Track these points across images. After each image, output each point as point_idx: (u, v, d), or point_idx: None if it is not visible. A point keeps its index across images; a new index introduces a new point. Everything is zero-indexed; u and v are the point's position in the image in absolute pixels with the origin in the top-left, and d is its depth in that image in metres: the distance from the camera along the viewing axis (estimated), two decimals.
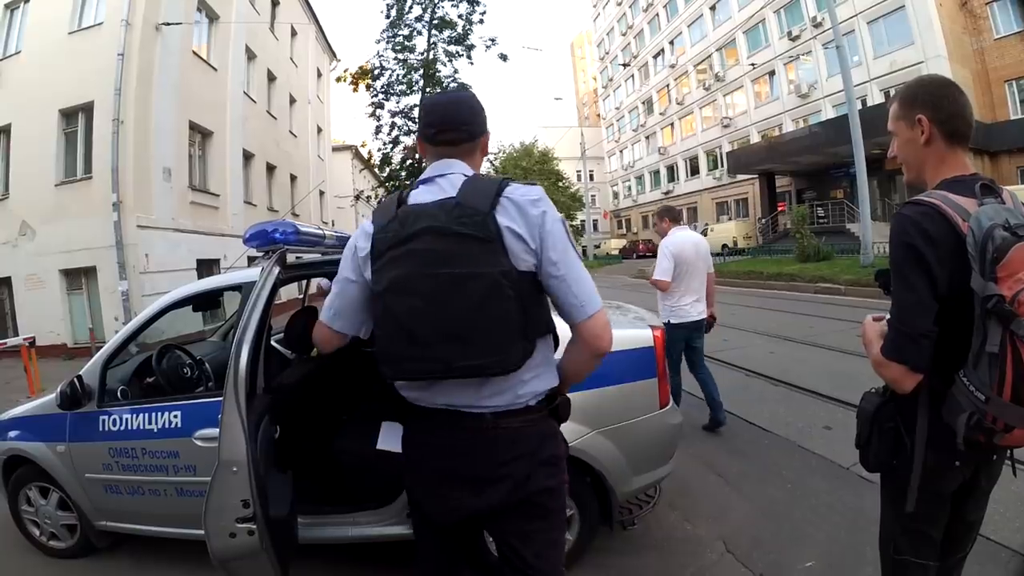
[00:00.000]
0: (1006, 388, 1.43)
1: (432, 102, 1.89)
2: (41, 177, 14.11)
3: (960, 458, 1.65)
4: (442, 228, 1.58)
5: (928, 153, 1.71)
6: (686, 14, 44.28)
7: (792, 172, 34.18)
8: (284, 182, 25.33)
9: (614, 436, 2.97)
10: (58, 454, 3.41)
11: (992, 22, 26.52)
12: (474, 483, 1.71)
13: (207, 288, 3.61)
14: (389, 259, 1.63)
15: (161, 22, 14.79)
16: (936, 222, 1.54)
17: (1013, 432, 1.49)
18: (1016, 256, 1.41)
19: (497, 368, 1.60)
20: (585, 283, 1.68)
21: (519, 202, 1.63)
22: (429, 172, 1.79)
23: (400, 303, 1.61)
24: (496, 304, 1.55)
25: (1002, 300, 1.40)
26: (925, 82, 1.78)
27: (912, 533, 1.80)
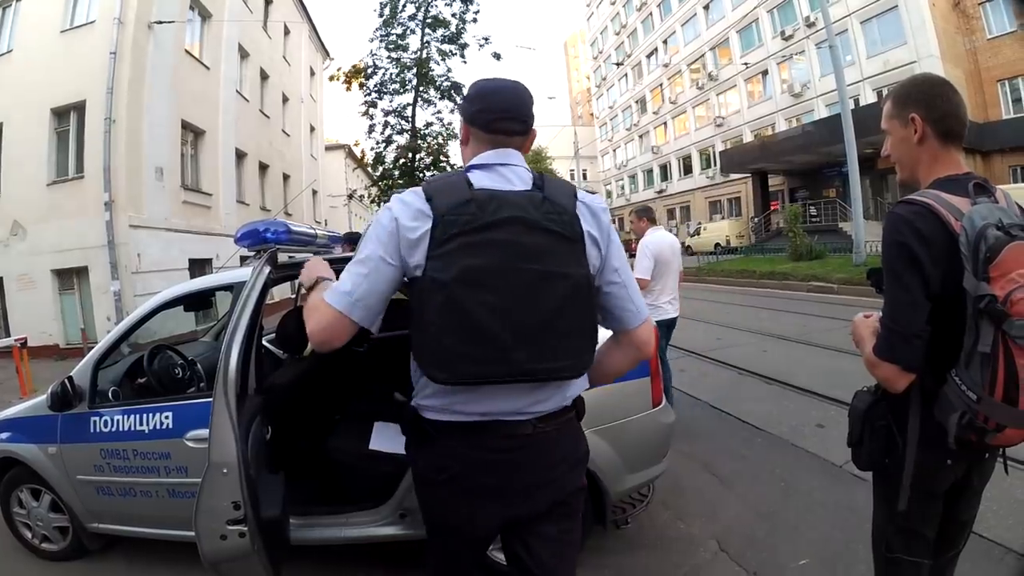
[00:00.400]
0: (997, 388, 1.43)
1: (494, 86, 1.70)
2: (33, 176, 14.01)
3: (952, 457, 1.64)
4: (532, 221, 1.47)
5: (921, 152, 1.71)
6: (680, 13, 44.29)
7: (785, 171, 34.26)
8: (277, 181, 25.24)
9: (607, 435, 2.97)
10: (50, 456, 3.39)
11: (985, 22, 26.60)
12: (517, 493, 1.61)
13: (199, 288, 3.60)
14: (462, 245, 1.44)
15: (154, 20, 14.69)
16: (929, 221, 1.54)
17: (1005, 432, 1.49)
18: (1009, 256, 1.41)
19: (572, 372, 1.54)
20: (638, 291, 1.70)
21: (594, 208, 1.62)
22: (487, 159, 1.63)
23: (472, 296, 1.43)
24: (578, 307, 1.51)
25: (994, 300, 1.40)
26: (919, 81, 1.77)
27: (905, 532, 1.78)
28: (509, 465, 1.58)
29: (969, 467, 1.72)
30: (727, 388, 6.55)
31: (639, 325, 1.68)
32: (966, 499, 1.79)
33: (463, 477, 1.59)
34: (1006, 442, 1.55)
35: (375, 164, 27.60)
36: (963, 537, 1.87)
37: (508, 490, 1.60)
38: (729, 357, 7.95)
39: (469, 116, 1.70)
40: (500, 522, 1.66)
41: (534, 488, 1.62)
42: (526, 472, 1.60)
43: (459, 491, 1.61)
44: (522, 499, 1.61)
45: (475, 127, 1.68)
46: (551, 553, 1.68)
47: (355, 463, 3.31)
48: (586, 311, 1.54)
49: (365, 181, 36.12)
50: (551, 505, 1.65)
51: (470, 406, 1.55)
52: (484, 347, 1.44)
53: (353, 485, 3.25)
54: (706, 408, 5.82)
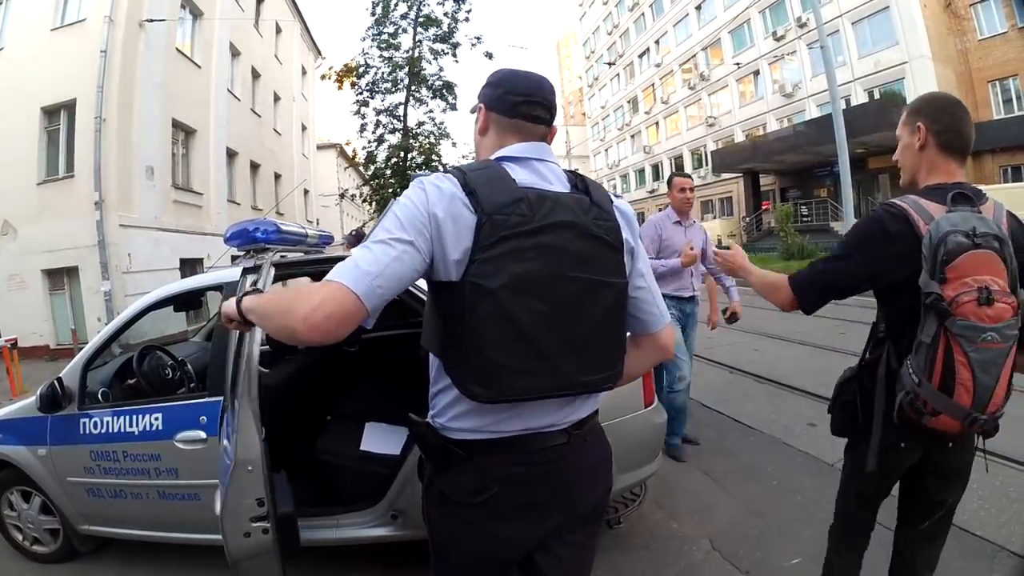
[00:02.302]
0: (935, 376, 1.65)
1: (517, 71, 1.59)
2: (23, 176, 13.93)
3: (905, 440, 1.87)
4: (583, 227, 1.37)
5: (921, 158, 1.87)
6: (671, 13, 44.36)
7: (776, 171, 34.37)
8: (268, 180, 25.17)
9: None
10: (39, 457, 3.37)
11: (976, 23, 26.71)
12: (558, 505, 1.49)
13: (189, 288, 3.58)
14: (512, 249, 1.29)
15: (145, 19, 14.64)
16: (899, 222, 1.74)
17: (940, 417, 1.69)
18: (966, 261, 1.59)
19: (608, 383, 1.46)
20: (659, 293, 1.67)
21: (628, 214, 1.56)
22: (520, 151, 1.49)
23: (522, 306, 1.30)
24: (617, 316, 1.47)
25: (940, 298, 1.60)
26: (933, 96, 1.95)
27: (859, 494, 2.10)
28: (549, 477, 1.47)
29: (926, 453, 1.90)
30: (719, 387, 6.57)
31: (662, 328, 1.64)
32: (935, 481, 1.95)
33: (503, 496, 1.44)
34: (940, 427, 1.72)
35: (367, 163, 27.53)
36: (935, 515, 2.00)
37: (550, 503, 1.48)
38: (721, 356, 7.98)
39: (491, 101, 1.56)
40: (537, 538, 1.52)
41: (576, 495, 1.52)
42: (567, 481, 1.49)
43: (498, 512, 1.45)
44: (563, 509, 1.50)
45: (497, 112, 1.54)
46: (576, 560, 1.59)
47: (346, 464, 3.30)
48: (623, 320, 1.51)
49: (357, 180, 36.02)
50: (577, 515, 1.53)
51: (505, 424, 1.42)
52: (535, 360, 1.33)
53: (344, 486, 3.24)
54: (698, 407, 5.82)
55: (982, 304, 1.56)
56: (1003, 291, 1.58)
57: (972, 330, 1.58)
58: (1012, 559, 2.99)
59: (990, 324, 1.57)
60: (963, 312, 1.58)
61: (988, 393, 1.61)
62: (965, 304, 1.57)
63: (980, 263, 1.59)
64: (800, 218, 28.62)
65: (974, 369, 1.59)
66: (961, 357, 1.59)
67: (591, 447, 1.57)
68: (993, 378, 1.60)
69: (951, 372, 1.61)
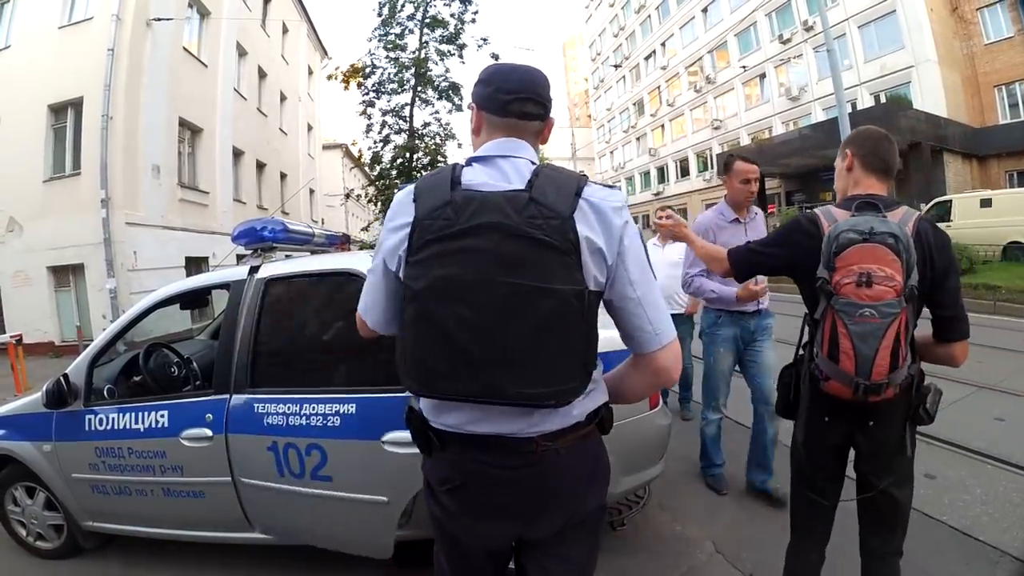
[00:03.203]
0: (824, 346, 1.98)
1: (508, 67, 1.56)
2: (29, 173, 13.98)
3: (828, 415, 2.13)
4: (513, 228, 1.31)
5: (849, 178, 2.24)
6: (678, 16, 44.33)
7: (782, 174, 34.29)
8: (274, 180, 25.22)
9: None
10: (44, 453, 3.39)
11: (982, 27, 26.64)
12: (524, 513, 1.51)
13: (195, 286, 3.58)
14: (436, 253, 1.35)
15: (152, 17, 14.71)
16: (811, 224, 2.12)
17: (830, 382, 1.99)
18: (853, 253, 1.89)
19: (554, 400, 1.38)
20: (661, 308, 1.49)
21: (601, 208, 1.39)
22: (490, 150, 1.50)
23: (445, 309, 1.34)
24: (563, 329, 1.33)
25: (826, 282, 1.94)
26: (860, 130, 2.31)
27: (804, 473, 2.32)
28: (516, 483, 1.47)
29: (851, 431, 2.12)
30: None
31: (656, 350, 1.48)
32: (862, 461, 2.17)
33: (468, 491, 1.51)
34: (833, 392, 2.01)
35: (372, 164, 27.53)
36: (863, 492, 2.19)
37: (514, 509, 1.50)
38: None
39: (482, 100, 1.55)
40: (507, 540, 1.58)
41: (543, 508, 1.50)
42: (534, 492, 1.48)
43: (464, 505, 1.53)
44: (530, 520, 1.52)
45: (489, 112, 1.54)
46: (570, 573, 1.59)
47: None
48: (577, 332, 1.35)
49: (362, 180, 36.07)
50: (566, 527, 1.53)
51: (474, 425, 1.46)
52: (460, 365, 1.35)
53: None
54: (701, 410, 5.81)
55: (860, 286, 1.85)
56: (888, 277, 1.84)
57: (850, 306, 1.87)
58: (1015, 564, 2.99)
59: (868, 302, 1.85)
60: (844, 292, 1.89)
61: (869, 362, 1.87)
62: (846, 285, 1.88)
63: (866, 254, 1.87)
64: None
65: (854, 340, 1.88)
66: (843, 329, 1.90)
67: (571, 463, 1.50)
68: (872, 348, 1.86)
69: (835, 343, 1.93)
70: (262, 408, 2.88)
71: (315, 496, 2.83)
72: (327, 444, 2.76)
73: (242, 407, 2.94)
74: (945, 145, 24.44)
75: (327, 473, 2.79)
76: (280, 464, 2.85)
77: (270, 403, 2.88)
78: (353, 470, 2.77)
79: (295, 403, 2.82)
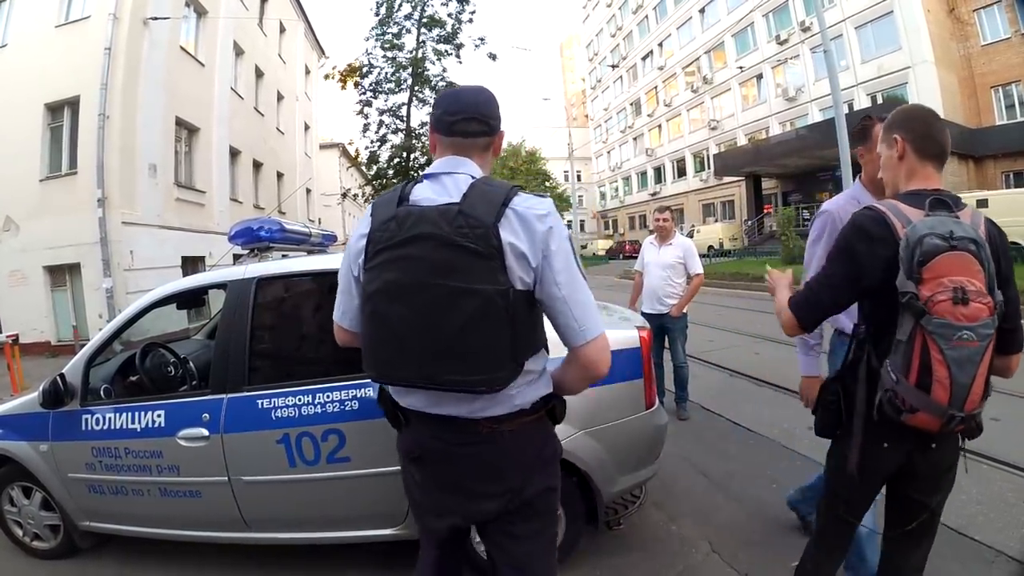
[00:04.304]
0: (912, 374, 1.67)
1: (455, 91, 1.80)
2: (26, 172, 13.94)
3: (889, 440, 1.87)
4: (442, 237, 1.52)
5: (900, 167, 1.94)
6: (675, 16, 44.44)
7: (778, 175, 34.40)
8: (271, 179, 25.16)
9: (600, 436, 2.98)
10: (41, 453, 3.38)
11: (979, 28, 26.75)
12: (471, 490, 1.71)
13: (192, 286, 3.57)
14: (384, 261, 1.59)
15: (149, 16, 14.65)
16: (878, 225, 1.79)
17: (917, 414, 1.69)
18: (942, 262, 1.62)
19: (484, 387, 1.56)
20: (587, 306, 1.63)
21: (525, 216, 1.56)
22: (436, 167, 1.71)
23: (390, 309, 1.58)
24: (488, 324, 1.51)
25: (915, 297, 1.64)
26: (905, 109, 2.01)
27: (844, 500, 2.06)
28: (464, 459, 1.69)
29: (911, 454, 1.88)
30: (719, 390, 6.58)
31: (582, 344, 1.64)
32: (918, 483, 1.93)
33: (426, 463, 1.76)
34: (918, 424, 1.72)
35: (369, 163, 27.50)
36: (919, 517, 1.97)
37: (463, 483, 1.72)
38: (721, 359, 7.99)
39: (433, 122, 1.78)
40: (459, 514, 1.77)
41: (488, 483, 1.70)
42: (480, 467, 1.70)
43: (424, 475, 1.78)
44: (478, 494, 1.71)
45: (438, 132, 1.75)
46: (524, 551, 1.76)
47: None
48: (500, 327, 1.52)
49: (359, 180, 35.96)
50: (513, 506, 1.71)
51: (433, 407, 1.69)
52: (401, 355, 1.59)
53: None
54: (698, 410, 5.84)
55: (957, 303, 1.59)
56: (979, 292, 1.61)
57: (948, 328, 1.60)
58: (1011, 564, 3.00)
59: (965, 323, 1.59)
60: (938, 311, 1.61)
61: (965, 391, 1.63)
62: (940, 303, 1.60)
63: (955, 264, 1.62)
64: (802, 222, 28.54)
65: (950, 366, 1.61)
66: (937, 355, 1.62)
67: (520, 445, 1.70)
68: (969, 376, 1.62)
69: (928, 369, 1.64)
70: (268, 403, 2.92)
71: (331, 479, 2.91)
72: (346, 427, 2.85)
73: (244, 405, 2.96)
74: None
75: (345, 455, 2.87)
76: (292, 455, 2.90)
77: (278, 397, 2.92)
78: (373, 447, 2.83)
79: (307, 394, 2.89)
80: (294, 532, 3.14)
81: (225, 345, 3.11)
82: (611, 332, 2.81)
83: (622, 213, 58.40)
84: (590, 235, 64.45)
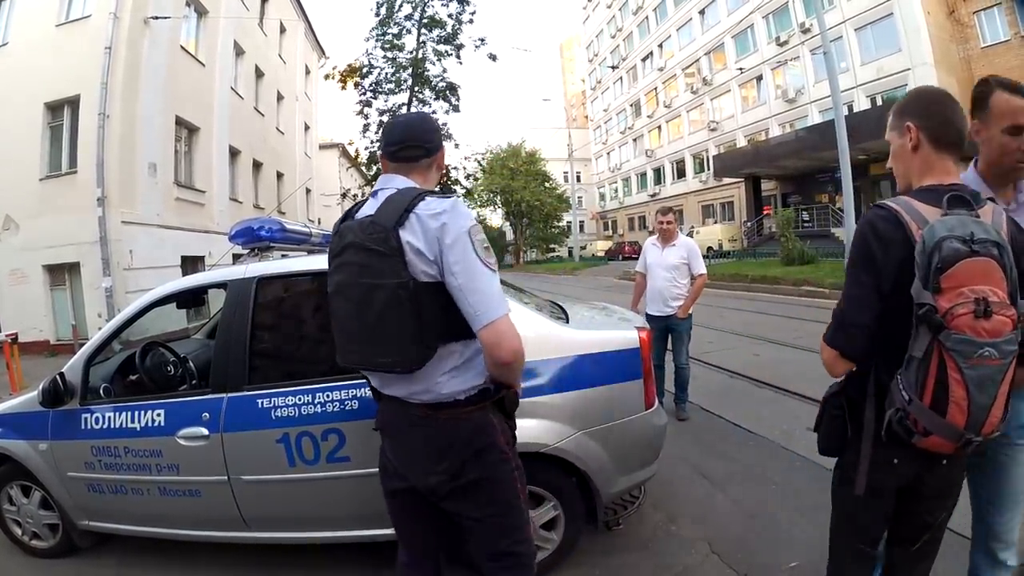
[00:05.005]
0: (926, 393, 1.51)
1: (392, 123, 2.09)
2: (26, 171, 13.93)
3: (899, 457, 1.70)
4: (360, 243, 1.82)
5: (915, 159, 1.74)
6: (675, 18, 44.45)
7: (778, 176, 34.39)
8: (270, 179, 25.15)
9: (599, 437, 2.97)
10: (40, 452, 3.38)
11: (979, 31, 26.75)
12: (417, 464, 1.96)
13: (191, 285, 3.57)
14: (334, 267, 1.96)
15: (150, 16, 14.65)
16: (891, 225, 1.61)
17: (931, 437, 1.55)
18: (963, 269, 1.44)
19: (397, 367, 1.83)
20: (482, 292, 1.77)
21: (421, 217, 1.78)
22: (378, 183, 2.02)
23: (339, 304, 1.93)
24: (392, 312, 1.77)
25: (933, 310, 1.46)
26: (918, 92, 1.84)
27: (852, 521, 1.92)
28: (408, 436, 1.97)
29: (920, 472, 1.74)
30: (719, 391, 6.57)
31: (479, 329, 1.77)
32: (926, 502, 1.81)
33: (385, 435, 2.08)
34: (931, 447, 1.58)
35: (369, 163, 27.56)
36: (924, 537, 1.87)
37: (409, 458, 1.99)
38: (721, 360, 7.98)
39: (382, 151, 2.07)
40: (410, 480, 2.00)
41: (430, 463, 1.92)
42: (424, 448, 1.93)
43: (386, 445, 2.09)
44: (422, 469, 1.94)
45: (387, 159, 2.04)
46: (475, 532, 2.01)
47: None
48: (407, 314, 1.76)
49: (359, 180, 36.04)
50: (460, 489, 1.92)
51: (384, 387, 2.00)
52: (348, 342, 1.94)
53: None
54: (698, 411, 5.84)
55: (979, 317, 1.42)
56: (1002, 303, 1.44)
57: (968, 345, 1.43)
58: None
59: (987, 339, 1.42)
60: (958, 325, 1.43)
61: (984, 413, 1.47)
62: (961, 317, 1.43)
63: (978, 272, 1.44)
64: (801, 223, 28.62)
65: (969, 387, 1.45)
66: (955, 374, 1.45)
67: (450, 434, 1.89)
68: (989, 397, 1.46)
69: (944, 389, 1.48)
70: (268, 403, 2.92)
71: (330, 479, 2.92)
72: (346, 427, 2.87)
73: (244, 405, 2.96)
74: None
75: (345, 454, 2.89)
76: (292, 454, 2.91)
77: (278, 396, 2.93)
78: (372, 447, 2.80)
79: (306, 394, 2.91)
80: (293, 531, 3.14)
81: (225, 344, 3.12)
82: (610, 333, 2.81)
83: (621, 214, 58.44)
84: (590, 236, 64.47)
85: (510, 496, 1.99)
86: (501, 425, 1.98)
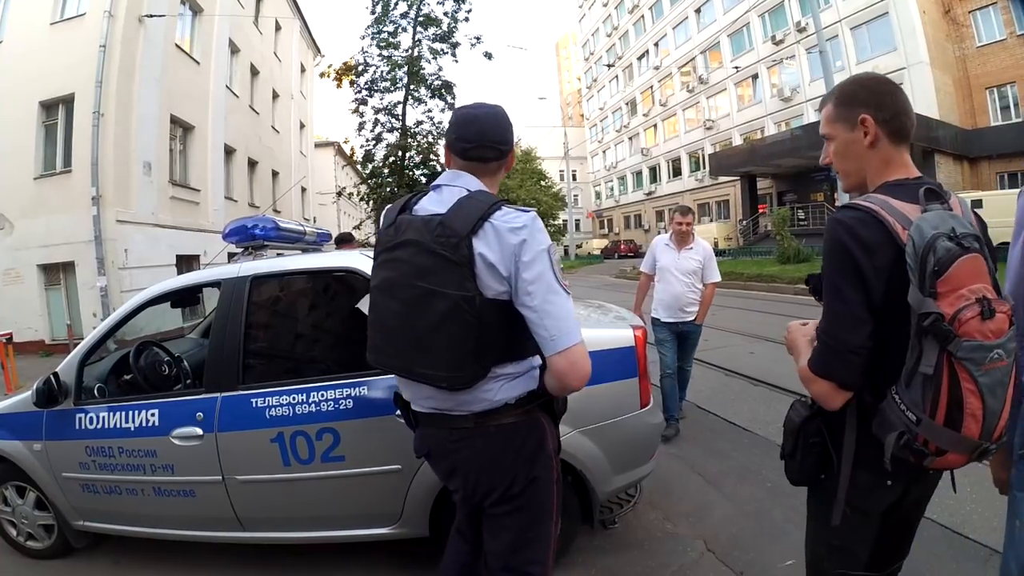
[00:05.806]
0: (939, 411, 1.33)
1: (469, 116, 1.88)
2: (20, 170, 13.87)
3: (892, 477, 1.50)
4: (424, 244, 1.67)
5: (872, 155, 1.57)
6: (671, 16, 44.48)
7: (773, 175, 34.45)
8: (266, 178, 25.11)
9: (595, 435, 2.98)
10: (35, 452, 3.36)
11: (975, 30, 26.87)
12: (466, 480, 1.86)
13: (186, 284, 3.56)
14: (382, 260, 1.82)
15: (144, 14, 14.60)
16: (873, 229, 1.41)
17: (946, 456, 1.37)
18: (960, 270, 1.30)
19: (446, 383, 1.71)
20: (559, 318, 1.65)
21: (499, 229, 1.66)
22: (441, 179, 1.87)
23: (384, 301, 1.79)
24: (453, 325, 1.64)
25: (940, 319, 1.29)
26: (864, 80, 1.65)
27: (838, 549, 1.66)
28: (458, 453, 1.84)
29: (907, 487, 1.56)
30: (714, 389, 6.58)
31: (552, 354, 1.66)
32: (911, 507, 1.65)
33: (433, 458, 1.97)
34: (948, 466, 1.43)
35: (364, 162, 27.47)
36: (909, 543, 1.74)
37: (458, 474, 1.88)
38: (716, 359, 8.00)
39: (449, 142, 1.90)
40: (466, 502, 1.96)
41: (486, 476, 1.83)
42: (478, 462, 1.83)
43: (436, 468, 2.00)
44: (473, 484, 1.85)
45: (453, 153, 1.88)
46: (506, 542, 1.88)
47: None
48: (466, 329, 1.64)
49: (354, 179, 35.95)
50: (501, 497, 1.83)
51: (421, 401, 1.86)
52: (389, 344, 1.81)
53: None
54: (693, 409, 5.84)
55: (985, 318, 1.28)
56: (997, 299, 1.32)
57: (980, 351, 1.28)
58: None
59: (995, 340, 1.29)
60: (968, 331, 1.28)
61: (996, 418, 1.33)
62: (970, 321, 1.28)
63: (970, 270, 1.32)
64: (796, 222, 28.67)
65: (984, 395, 1.30)
66: (970, 384, 1.29)
67: (501, 437, 1.79)
68: (1000, 401, 1.32)
69: (958, 404, 1.31)
70: (262, 402, 2.91)
71: (325, 478, 2.90)
72: (340, 426, 2.85)
73: (238, 404, 2.95)
74: (937, 146, 24.63)
75: (339, 454, 2.87)
76: (286, 454, 2.89)
77: (272, 396, 2.91)
78: (367, 446, 2.86)
79: (301, 393, 2.88)
80: (288, 531, 3.13)
81: (219, 344, 3.11)
82: (605, 331, 2.81)
83: (617, 212, 58.50)
84: (585, 234, 64.53)
85: (544, 503, 1.88)
86: (550, 428, 1.91)
